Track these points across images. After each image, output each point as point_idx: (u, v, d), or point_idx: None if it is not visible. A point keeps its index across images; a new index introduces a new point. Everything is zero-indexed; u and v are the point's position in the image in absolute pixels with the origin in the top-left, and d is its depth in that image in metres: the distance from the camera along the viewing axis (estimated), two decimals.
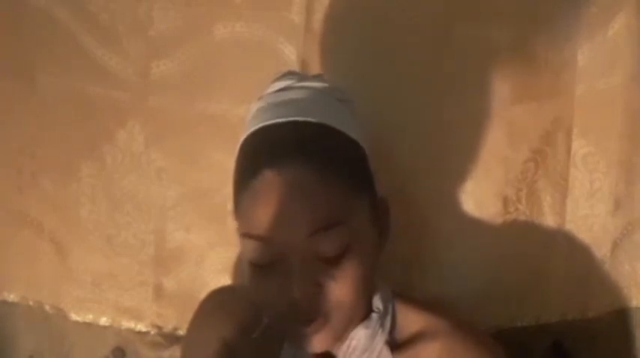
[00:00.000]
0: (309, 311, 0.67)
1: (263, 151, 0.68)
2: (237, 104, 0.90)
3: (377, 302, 0.73)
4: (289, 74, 0.76)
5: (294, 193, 0.66)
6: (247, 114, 0.75)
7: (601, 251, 0.92)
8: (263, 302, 0.70)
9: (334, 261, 0.66)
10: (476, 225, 0.92)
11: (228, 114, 0.91)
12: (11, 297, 1.02)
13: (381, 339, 0.72)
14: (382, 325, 0.73)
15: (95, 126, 0.96)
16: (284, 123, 0.69)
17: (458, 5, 0.90)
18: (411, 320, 0.74)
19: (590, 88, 0.90)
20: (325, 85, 0.74)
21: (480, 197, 0.92)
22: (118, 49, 0.93)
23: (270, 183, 0.66)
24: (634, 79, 0.89)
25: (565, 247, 0.93)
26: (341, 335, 0.70)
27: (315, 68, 0.90)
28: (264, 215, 0.66)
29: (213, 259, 0.96)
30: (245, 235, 0.68)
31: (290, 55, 0.91)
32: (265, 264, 0.67)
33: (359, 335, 0.71)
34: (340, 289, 0.67)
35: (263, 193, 0.66)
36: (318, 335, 0.68)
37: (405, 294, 0.78)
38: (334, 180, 0.67)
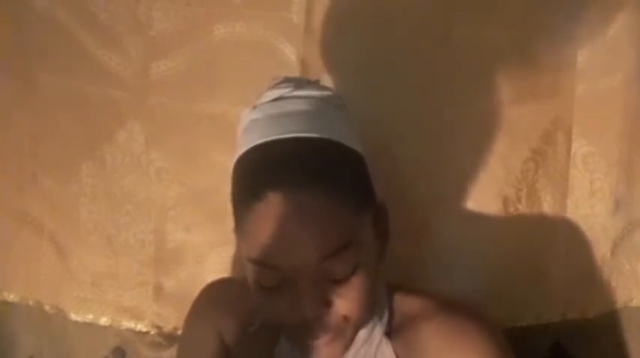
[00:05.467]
0: (319, 329, 0.67)
1: (265, 172, 0.66)
2: (237, 104, 0.89)
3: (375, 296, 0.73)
4: (285, 81, 0.73)
5: (301, 218, 0.63)
6: (241, 122, 0.73)
7: (601, 251, 0.92)
8: (271, 319, 0.69)
9: (343, 280, 0.66)
10: (476, 225, 0.92)
11: (228, 114, 0.91)
12: (11, 297, 1.02)
13: (379, 330, 0.73)
14: (380, 317, 0.73)
15: (95, 126, 0.96)
16: (285, 139, 0.67)
17: (458, 6, 0.90)
18: (405, 306, 0.75)
19: (590, 88, 0.90)
20: (322, 92, 0.72)
21: (480, 197, 0.92)
22: (118, 49, 0.93)
23: (274, 207, 0.63)
24: (634, 79, 0.89)
25: (565, 247, 0.93)
26: (349, 344, 0.70)
27: (315, 68, 0.90)
28: (270, 241, 0.64)
29: (213, 259, 0.96)
30: (250, 260, 0.66)
31: (290, 55, 0.91)
32: (272, 286, 0.66)
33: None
34: (350, 305, 0.66)
35: (268, 218, 0.64)
36: (328, 348, 0.68)
37: (396, 283, 0.78)
38: (344, 201, 0.65)
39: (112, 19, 0.93)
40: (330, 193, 0.64)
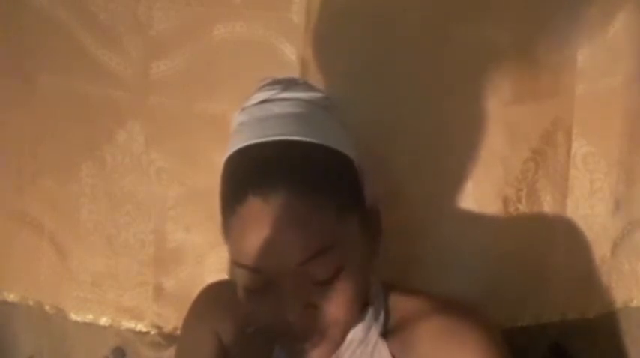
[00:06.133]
0: (305, 332, 0.67)
1: (248, 176, 0.66)
2: (237, 104, 0.88)
3: (371, 296, 0.73)
4: (273, 83, 0.72)
5: (282, 222, 0.63)
6: (231, 125, 0.74)
7: (601, 251, 0.92)
8: (258, 322, 0.69)
9: (327, 283, 0.66)
10: (476, 225, 0.92)
11: (228, 115, 0.90)
12: (11, 297, 1.02)
13: (375, 331, 0.72)
14: (376, 317, 0.73)
15: (95, 126, 0.96)
16: (269, 143, 0.67)
17: (458, 6, 0.90)
18: (402, 306, 0.75)
19: (590, 88, 0.90)
20: (310, 93, 0.72)
21: (480, 197, 0.92)
22: (118, 49, 0.94)
23: (256, 211, 0.64)
24: (634, 79, 0.88)
25: (565, 247, 0.93)
26: (339, 345, 0.70)
27: (315, 68, 0.90)
28: (252, 245, 0.64)
29: (213, 259, 0.96)
30: (235, 263, 0.67)
31: (290, 55, 0.91)
32: (257, 289, 0.67)
33: (355, 330, 0.71)
34: (334, 308, 0.66)
35: (250, 222, 0.64)
36: (316, 350, 0.68)
37: (393, 283, 0.78)
38: (325, 204, 0.65)
39: (112, 19, 0.93)
40: (311, 196, 0.64)
